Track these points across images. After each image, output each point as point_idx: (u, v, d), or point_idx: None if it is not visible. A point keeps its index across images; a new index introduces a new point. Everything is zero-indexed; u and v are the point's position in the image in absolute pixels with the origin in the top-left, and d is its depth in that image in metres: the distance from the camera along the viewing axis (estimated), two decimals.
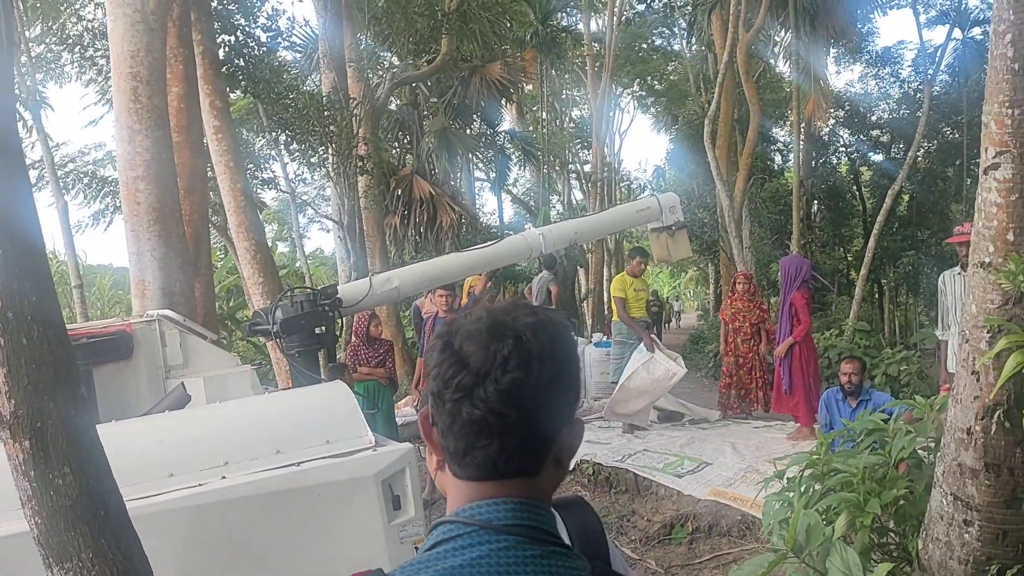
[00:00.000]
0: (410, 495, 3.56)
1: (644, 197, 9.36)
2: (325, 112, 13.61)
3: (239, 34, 13.46)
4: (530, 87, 27.16)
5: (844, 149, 26.37)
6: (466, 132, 21.36)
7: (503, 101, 22.28)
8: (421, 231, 18.36)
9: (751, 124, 18.85)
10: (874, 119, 25.54)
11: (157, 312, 5.30)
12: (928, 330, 15.27)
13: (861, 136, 25.78)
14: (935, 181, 23.56)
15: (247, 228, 12.00)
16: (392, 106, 19.78)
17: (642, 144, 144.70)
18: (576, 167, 32.65)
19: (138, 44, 7.76)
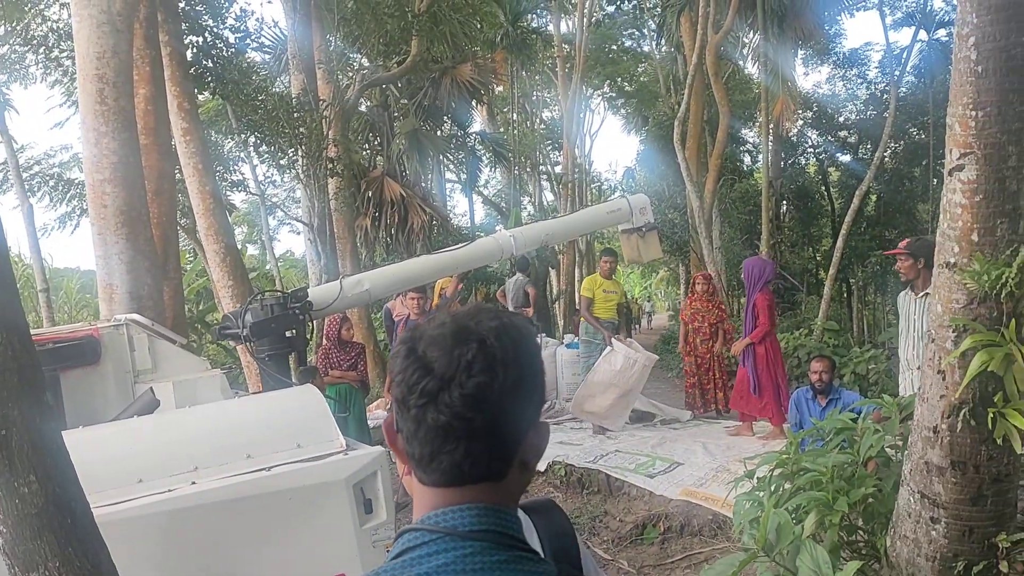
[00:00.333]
0: (382, 498, 3.54)
1: (615, 198, 9.35)
2: (295, 114, 13.54)
3: (207, 35, 13.35)
4: (501, 88, 27.21)
5: (812, 150, 26.53)
6: (437, 133, 21.36)
7: (474, 102, 22.27)
8: (392, 233, 18.33)
9: (720, 125, 18.94)
10: (842, 120, 25.72)
11: (125, 316, 5.24)
12: (896, 329, 15.36)
13: (829, 137, 25.96)
14: (902, 181, 23.77)
15: (216, 231, 11.93)
16: (362, 107, 19.73)
17: (613, 145, 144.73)
18: (547, 168, 32.70)
19: (104, 45, 7.68)
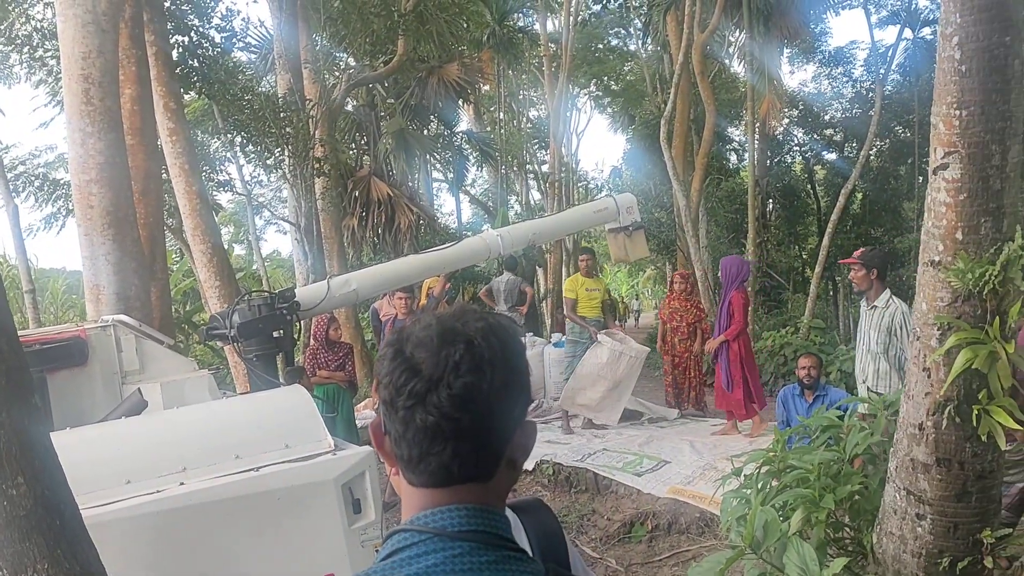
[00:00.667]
0: (370, 498, 3.54)
1: (601, 197, 9.37)
2: (281, 114, 13.50)
3: (193, 35, 13.31)
4: (487, 88, 27.15)
5: (798, 148, 26.60)
6: (423, 133, 21.32)
7: (460, 102, 22.23)
8: (379, 233, 18.29)
9: (707, 124, 18.96)
10: (827, 118, 25.79)
11: (112, 317, 5.21)
12: None
13: (815, 135, 26.03)
14: (888, 179, 23.86)
15: (203, 231, 11.90)
16: (349, 107, 19.68)
17: (599, 144, 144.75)
18: (534, 167, 32.65)
19: (89, 45, 7.64)
